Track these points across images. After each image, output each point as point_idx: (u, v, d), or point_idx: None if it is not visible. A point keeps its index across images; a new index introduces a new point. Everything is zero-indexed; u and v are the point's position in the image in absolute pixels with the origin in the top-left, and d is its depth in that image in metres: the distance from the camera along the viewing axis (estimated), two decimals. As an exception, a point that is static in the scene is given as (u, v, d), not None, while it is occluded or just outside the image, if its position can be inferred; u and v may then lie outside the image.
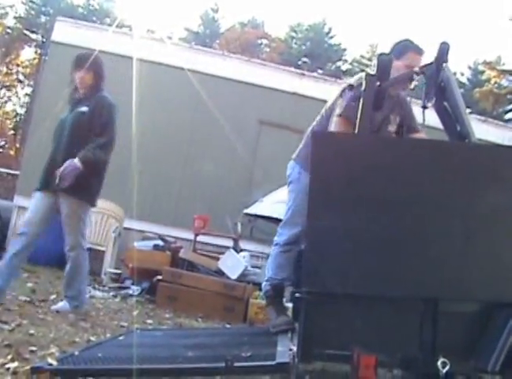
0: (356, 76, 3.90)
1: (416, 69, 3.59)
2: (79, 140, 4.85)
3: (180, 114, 10.49)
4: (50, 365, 2.88)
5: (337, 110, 3.81)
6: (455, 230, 2.73)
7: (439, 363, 2.62)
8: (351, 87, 3.72)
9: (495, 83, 20.89)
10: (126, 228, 8.99)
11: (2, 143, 36.74)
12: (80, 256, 4.97)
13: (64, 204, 4.87)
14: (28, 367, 2.91)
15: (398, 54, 3.84)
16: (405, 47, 3.90)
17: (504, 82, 22.39)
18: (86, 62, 5.04)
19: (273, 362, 2.80)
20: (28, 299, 5.02)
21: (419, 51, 3.88)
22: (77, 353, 3.18)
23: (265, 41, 42.79)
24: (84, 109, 4.96)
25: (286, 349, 3.07)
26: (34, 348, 3.39)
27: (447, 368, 2.61)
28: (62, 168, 4.72)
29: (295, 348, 2.91)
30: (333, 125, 3.82)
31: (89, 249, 8.05)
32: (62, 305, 4.88)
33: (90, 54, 5.13)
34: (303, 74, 11.58)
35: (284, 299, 4.16)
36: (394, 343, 2.74)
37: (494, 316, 2.73)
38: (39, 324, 4.14)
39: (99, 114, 4.93)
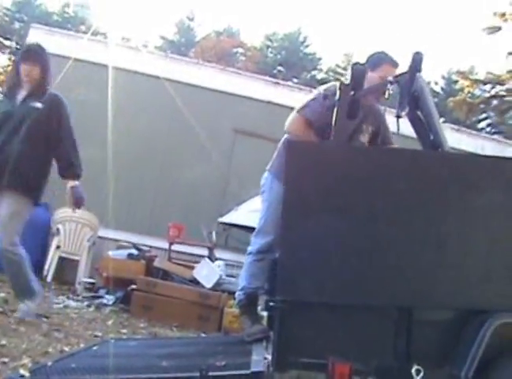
0: (327, 85, 3.93)
1: (390, 78, 3.62)
2: (35, 137, 4.73)
3: (155, 123, 10.44)
4: (23, 376, 2.85)
5: (297, 107, 3.88)
6: (428, 239, 2.76)
7: (413, 371, 2.64)
8: (325, 96, 3.75)
9: (469, 92, 21.10)
10: (100, 237, 8.92)
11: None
12: (16, 253, 4.68)
13: (10, 202, 4.67)
14: (-1, 378, 2.87)
15: (373, 66, 3.89)
16: (380, 59, 3.96)
17: (477, 91, 22.64)
18: (34, 56, 4.93)
19: (248, 371, 2.80)
20: (0, 309, 4.95)
21: (393, 64, 3.93)
22: (50, 364, 3.15)
23: (240, 50, 42.88)
24: (39, 105, 4.81)
25: (261, 358, 3.06)
26: (6, 359, 3.35)
27: (421, 375, 2.63)
28: (74, 196, 4.75)
29: (269, 357, 2.90)
30: (288, 120, 3.92)
31: (63, 259, 8.05)
32: (23, 308, 4.70)
33: (40, 48, 5.05)
34: (278, 83, 11.60)
35: (259, 308, 4.16)
36: (369, 352, 2.75)
37: (467, 323, 2.76)
38: (12, 334, 4.08)
39: (57, 113, 4.82)
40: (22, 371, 2.96)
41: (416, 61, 3.33)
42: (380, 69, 3.90)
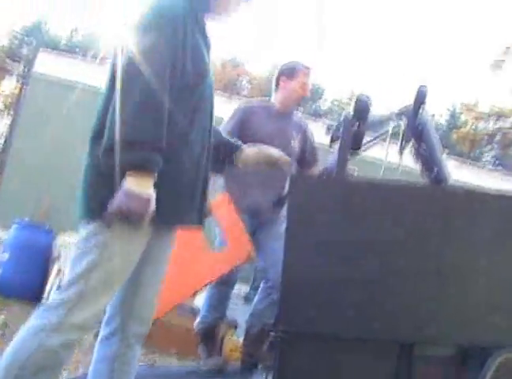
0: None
1: (395, 111, 3.63)
2: None
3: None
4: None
5: None
6: (430, 273, 2.74)
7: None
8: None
9: (473, 125, 21.17)
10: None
11: (-21, 173, 36.43)
12: None
13: None
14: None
15: (290, 75, 4.07)
16: (295, 68, 4.22)
17: (481, 125, 22.73)
18: None
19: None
20: (0, 333, 4.92)
21: (307, 70, 4.20)
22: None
23: (246, 78, 43.14)
24: None
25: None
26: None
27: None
28: None
29: (269, 389, 2.88)
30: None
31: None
32: None
33: None
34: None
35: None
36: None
37: (470, 359, 2.73)
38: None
39: None
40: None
41: (421, 94, 3.34)
42: (297, 76, 4.16)
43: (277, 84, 4.28)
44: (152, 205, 2.00)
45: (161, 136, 2.01)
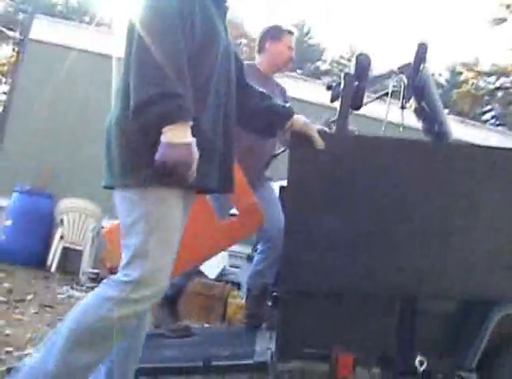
0: None
1: (395, 69, 3.60)
2: None
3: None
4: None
5: None
6: (432, 230, 2.75)
7: (417, 361, 2.64)
8: None
9: (473, 84, 21.03)
10: (104, 227, 8.91)
11: (-21, 141, 36.30)
12: None
13: None
14: (4, 368, 2.88)
15: (276, 38, 4.13)
16: (279, 31, 4.19)
17: (482, 83, 22.58)
18: None
19: (251, 361, 2.81)
20: (4, 299, 4.97)
21: (291, 33, 4.24)
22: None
23: (244, 41, 42.77)
24: None
25: (264, 348, 3.07)
26: (10, 349, 3.36)
27: (424, 366, 2.63)
28: None
29: (273, 347, 2.91)
30: None
31: (67, 249, 8.05)
32: None
33: None
34: (283, 73, 11.55)
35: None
36: (372, 342, 2.75)
37: (471, 313, 2.76)
38: (16, 324, 4.10)
39: None
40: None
41: (421, 52, 3.32)
42: (282, 39, 4.16)
43: (262, 48, 4.22)
44: (195, 153, 1.99)
45: (186, 86, 2.00)
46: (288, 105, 2.67)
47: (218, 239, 3.28)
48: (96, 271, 7.90)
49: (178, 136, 1.95)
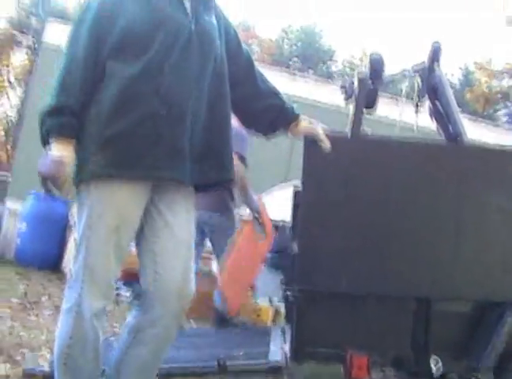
0: None
1: (408, 69, 3.59)
2: None
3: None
4: (42, 367, 2.87)
5: None
6: (446, 231, 2.74)
7: (431, 362, 2.63)
8: None
9: (486, 83, 20.94)
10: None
11: (-7, 146, 36.51)
12: None
13: None
14: (19, 369, 2.89)
15: None
16: None
17: (494, 82, 22.47)
18: None
19: (265, 361, 2.80)
20: (19, 302, 4.99)
21: None
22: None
23: (255, 42, 42.78)
24: None
25: (278, 348, 3.06)
26: (25, 351, 3.37)
27: (439, 366, 2.62)
28: None
29: (287, 347, 2.90)
30: None
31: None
32: None
33: None
34: (294, 74, 11.57)
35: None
36: (387, 343, 2.74)
37: (485, 315, 2.75)
38: (31, 326, 4.12)
39: None
40: (41, 362, 2.98)
41: (435, 51, 3.30)
42: None
43: None
44: (65, 167, 2.11)
45: (71, 103, 2.15)
46: (294, 106, 2.65)
47: (258, 262, 3.83)
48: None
49: (55, 149, 2.13)
